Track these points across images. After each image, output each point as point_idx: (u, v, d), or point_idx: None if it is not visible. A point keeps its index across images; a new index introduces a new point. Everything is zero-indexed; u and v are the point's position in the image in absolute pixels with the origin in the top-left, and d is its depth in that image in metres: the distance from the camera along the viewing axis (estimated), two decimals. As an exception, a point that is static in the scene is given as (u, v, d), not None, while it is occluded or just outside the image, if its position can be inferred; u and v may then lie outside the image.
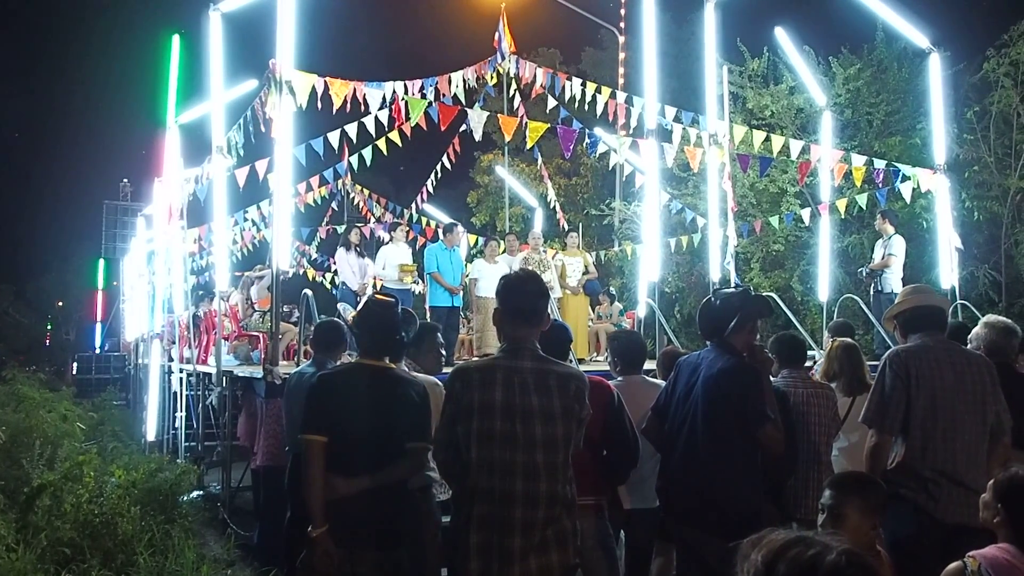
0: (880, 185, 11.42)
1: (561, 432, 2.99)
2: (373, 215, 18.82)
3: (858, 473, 3.34)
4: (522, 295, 3.15)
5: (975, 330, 4.71)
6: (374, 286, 10.54)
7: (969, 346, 4.65)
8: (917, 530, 3.62)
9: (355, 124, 9.63)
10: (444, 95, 11.20)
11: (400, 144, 11.05)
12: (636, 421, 4.13)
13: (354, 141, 10.08)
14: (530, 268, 10.14)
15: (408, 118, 9.40)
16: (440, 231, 12.79)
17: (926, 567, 3.11)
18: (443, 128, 9.34)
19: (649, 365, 5.95)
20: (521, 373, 3.00)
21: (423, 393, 3.52)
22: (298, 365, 6.99)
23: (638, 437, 4.09)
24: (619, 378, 4.73)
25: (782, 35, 12.47)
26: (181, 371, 10.91)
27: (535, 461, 2.94)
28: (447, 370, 3.98)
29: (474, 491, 2.94)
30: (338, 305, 9.46)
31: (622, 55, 20.32)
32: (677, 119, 10.80)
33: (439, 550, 3.96)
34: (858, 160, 11.30)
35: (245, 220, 15.67)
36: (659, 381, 5.01)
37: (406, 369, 4.07)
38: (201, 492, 8.31)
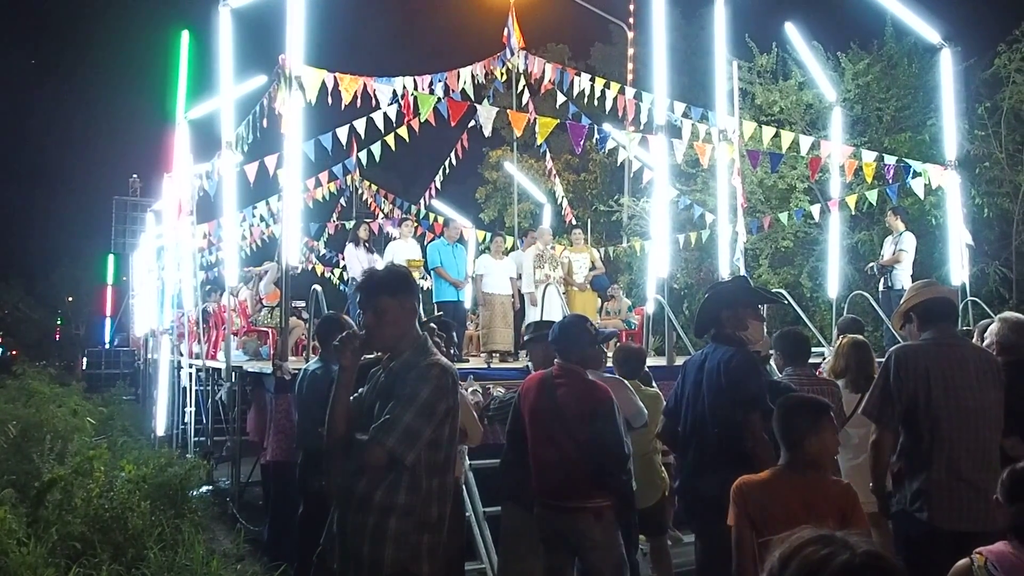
0: (891, 181, 11.36)
1: None
2: (381, 211, 18.83)
3: (806, 398, 3.31)
4: None
5: (991, 326, 4.68)
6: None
7: (985, 342, 4.63)
8: (926, 536, 3.58)
9: (364, 120, 9.63)
10: (453, 91, 11.19)
11: (408, 140, 11.06)
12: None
13: (363, 137, 10.08)
14: (545, 264, 10.11)
15: (417, 114, 9.39)
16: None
17: (937, 570, 3.09)
18: (453, 124, 9.33)
19: (653, 362, 5.99)
20: None
21: None
22: (307, 361, 7.00)
23: (624, 443, 4.05)
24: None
25: (791, 30, 12.41)
26: (190, 366, 10.93)
27: None
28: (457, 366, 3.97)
29: None
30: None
31: (631, 51, 20.26)
32: (686, 115, 10.76)
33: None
34: (868, 156, 11.24)
35: (254, 216, 15.70)
36: (618, 377, 5.00)
37: None
38: (210, 487, 8.34)
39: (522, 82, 13.88)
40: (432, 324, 4.58)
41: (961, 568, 2.57)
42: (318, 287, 8.11)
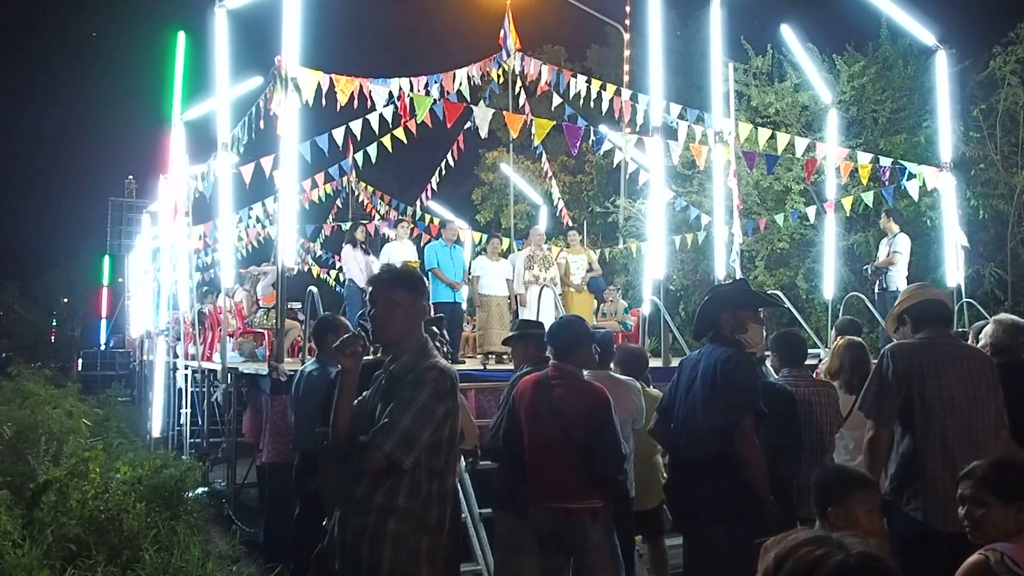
0: (886, 183, 11.39)
1: None
2: (377, 212, 18.82)
3: (847, 470, 3.29)
4: None
5: (986, 328, 4.69)
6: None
7: (979, 344, 4.64)
8: (921, 537, 3.59)
9: (360, 121, 9.62)
10: (449, 92, 11.19)
11: (405, 141, 11.05)
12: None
13: (359, 138, 10.06)
14: (535, 265, 10.11)
15: (414, 115, 9.38)
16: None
17: (933, 571, 3.09)
18: (449, 125, 9.33)
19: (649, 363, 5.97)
20: None
21: None
22: (303, 362, 6.99)
23: (621, 443, 4.04)
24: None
25: (787, 32, 12.45)
26: (186, 367, 10.91)
27: None
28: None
29: None
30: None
31: (627, 52, 20.28)
32: (682, 116, 10.78)
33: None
34: (864, 158, 11.27)
35: (250, 217, 15.69)
36: (624, 378, 4.96)
37: None
38: (206, 489, 8.31)
39: (518, 84, 13.90)
40: (433, 327, 4.58)
41: (978, 564, 2.50)
42: (314, 288, 8.11)
